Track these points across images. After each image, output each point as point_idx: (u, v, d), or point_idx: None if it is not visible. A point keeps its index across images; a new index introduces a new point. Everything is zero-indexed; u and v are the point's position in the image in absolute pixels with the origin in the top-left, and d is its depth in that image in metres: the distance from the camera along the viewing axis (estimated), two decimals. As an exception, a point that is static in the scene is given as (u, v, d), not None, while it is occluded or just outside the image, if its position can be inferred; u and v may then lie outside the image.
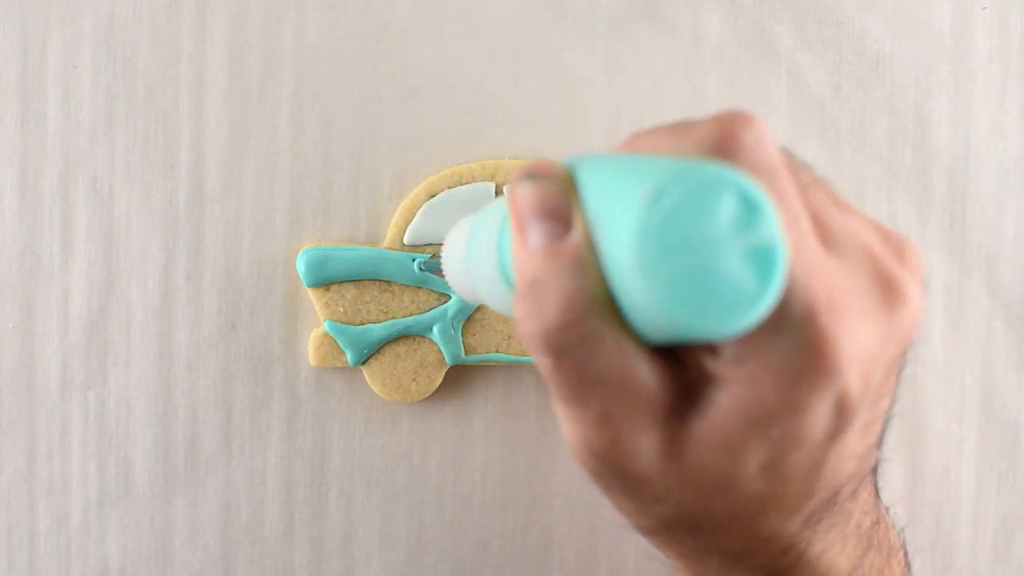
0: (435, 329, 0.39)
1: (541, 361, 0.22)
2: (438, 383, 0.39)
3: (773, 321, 0.20)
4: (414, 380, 0.39)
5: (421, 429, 0.40)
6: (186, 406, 0.40)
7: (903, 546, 0.30)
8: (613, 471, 0.23)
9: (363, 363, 0.39)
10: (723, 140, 0.22)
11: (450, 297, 0.39)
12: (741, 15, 0.40)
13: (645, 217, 0.20)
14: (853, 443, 0.23)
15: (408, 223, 0.39)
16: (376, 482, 0.40)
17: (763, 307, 0.20)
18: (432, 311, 0.39)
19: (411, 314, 0.39)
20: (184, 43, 0.39)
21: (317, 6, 0.39)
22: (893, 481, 0.40)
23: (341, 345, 0.39)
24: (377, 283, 0.39)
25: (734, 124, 0.22)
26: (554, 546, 0.41)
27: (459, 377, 0.40)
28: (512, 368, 0.40)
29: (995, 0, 0.40)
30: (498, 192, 0.39)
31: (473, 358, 0.39)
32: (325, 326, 0.39)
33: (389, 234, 0.39)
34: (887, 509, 0.29)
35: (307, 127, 0.39)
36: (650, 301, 0.20)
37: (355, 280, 0.39)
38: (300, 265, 0.38)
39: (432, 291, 0.39)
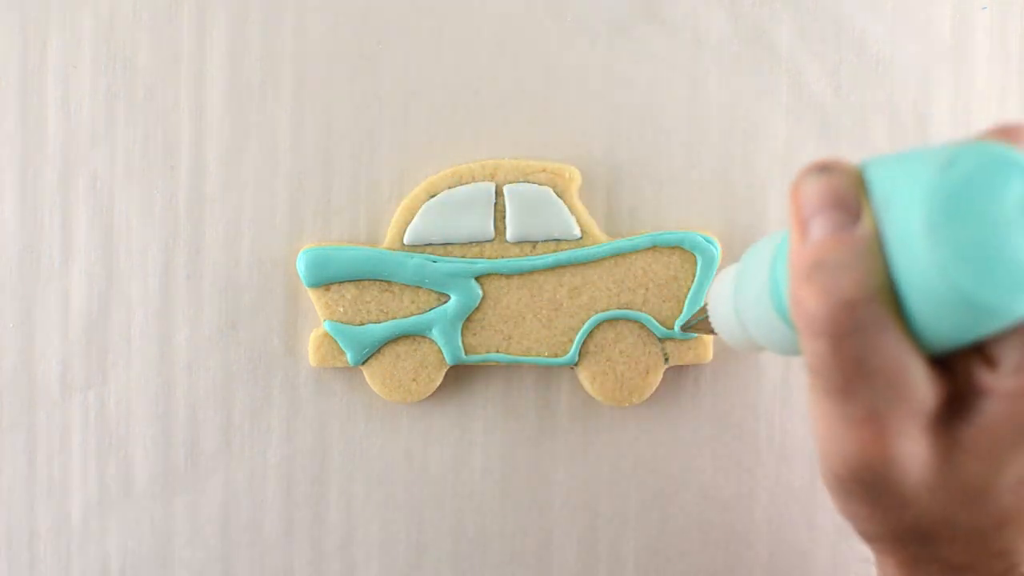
0: (435, 329, 0.39)
1: (817, 345, 0.22)
2: (438, 383, 0.39)
3: None
4: (414, 380, 0.39)
5: (421, 429, 0.40)
6: (186, 406, 0.40)
7: None
8: (867, 476, 0.22)
9: (363, 363, 0.39)
10: (1010, 133, 0.22)
11: (450, 297, 0.39)
12: (741, 15, 0.40)
13: (939, 180, 0.20)
14: None
15: (408, 223, 0.39)
16: (376, 482, 0.40)
17: None
18: (432, 311, 0.39)
19: (411, 314, 0.39)
20: (184, 43, 0.39)
21: (317, 6, 0.39)
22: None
23: (341, 345, 0.39)
24: (377, 283, 0.39)
25: (1011, 131, 0.22)
26: (554, 546, 0.41)
27: (459, 377, 0.40)
28: (512, 368, 0.40)
29: (995, 0, 0.40)
30: (498, 192, 0.39)
31: (473, 358, 0.39)
32: (325, 326, 0.39)
33: (389, 234, 0.39)
34: None
35: (307, 127, 0.39)
36: (935, 268, 0.20)
37: (355, 280, 0.39)
38: (300, 265, 0.38)
39: (432, 291, 0.39)
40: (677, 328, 0.38)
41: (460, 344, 0.39)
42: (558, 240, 0.39)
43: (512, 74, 0.39)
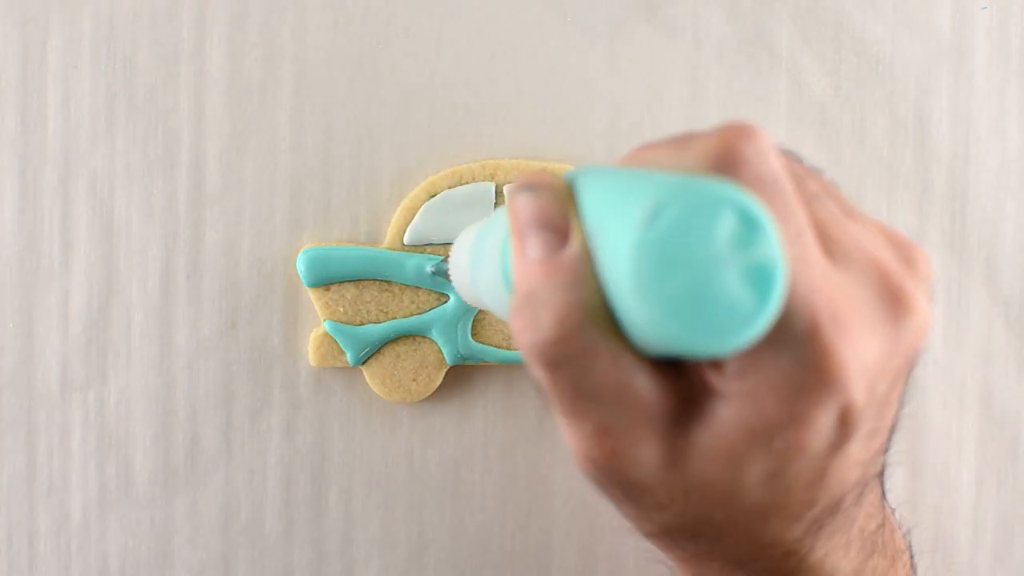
0: (435, 329, 0.39)
1: (535, 373, 0.22)
2: (438, 383, 0.39)
3: (775, 336, 0.20)
4: (414, 380, 0.39)
5: (421, 429, 0.40)
6: (186, 406, 0.40)
7: (909, 547, 0.30)
8: (614, 481, 0.23)
9: (363, 363, 0.39)
10: (724, 154, 0.22)
11: (449, 297, 0.39)
12: (741, 15, 0.40)
13: (642, 235, 0.19)
14: (857, 451, 0.23)
15: (408, 223, 0.39)
16: (376, 482, 0.40)
17: (760, 326, 0.20)
18: (432, 311, 0.39)
19: (411, 314, 0.39)
20: (184, 43, 0.39)
21: (317, 6, 0.39)
22: (893, 482, 0.40)
23: (341, 345, 0.39)
24: (377, 283, 0.39)
25: (736, 138, 0.22)
26: (554, 546, 0.41)
27: (459, 377, 0.40)
28: (512, 368, 0.40)
29: (995, 0, 0.40)
30: (498, 192, 0.39)
31: (473, 358, 0.39)
32: (325, 326, 0.39)
33: (389, 234, 0.39)
34: (893, 511, 0.29)
35: (307, 127, 0.39)
36: (646, 320, 0.20)
37: (355, 280, 0.39)
38: (300, 265, 0.38)
39: (432, 291, 0.39)
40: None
41: (461, 344, 0.39)
42: (558, 240, 0.39)
43: (512, 74, 0.39)
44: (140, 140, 0.39)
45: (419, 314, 0.39)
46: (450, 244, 0.38)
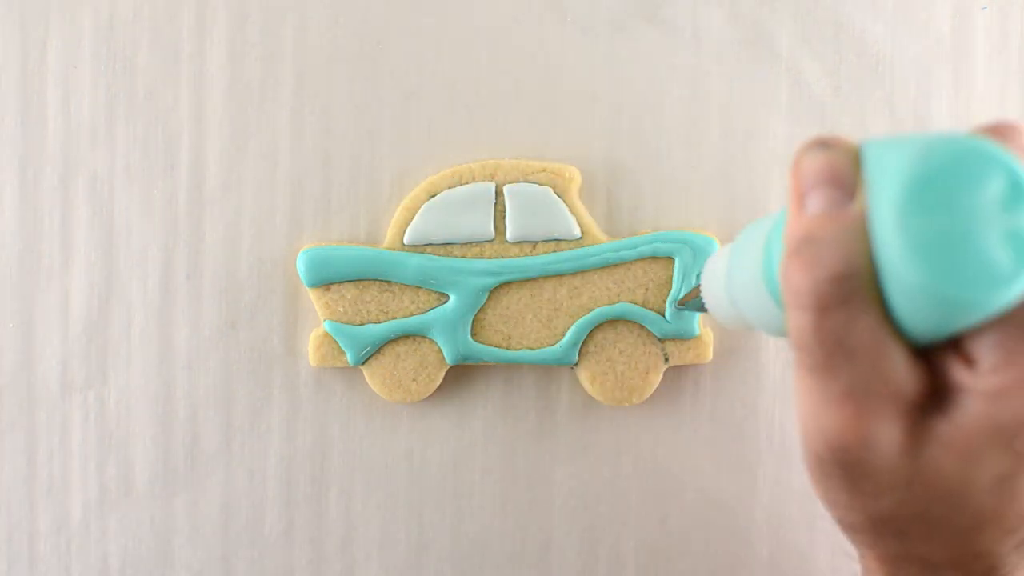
0: (435, 329, 0.39)
1: (802, 319, 0.22)
2: (438, 383, 0.39)
3: None
4: (414, 380, 0.39)
5: (421, 429, 0.40)
6: (186, 406, 0.40)
7: None
8: (844, 455, 0.22)
9: (363, 363, 0.39)
10: (1003, 132, 0.22)
11: (450, 297, 0.39)
12: (741, 15, 0.40)
13: (913, 168, 0.20)
14: None
15: (408, 223, 0.39)
16: (376, 482, 0.40)
17: (1015, 291, 0.20)
18: (432, 311, 0.39)
19: (411, 314, 0.39)
20: (184, 43, 0.39)
21: (317, 6, 0.39)
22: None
23: (341, 345, 0.39)
24: (377, 283, 0.39)
25: (1005, 129, 0.22)
26: (554, 546, 0.41)
27: (459, 377, 0.40)
28: (512, 368, 0.40)
29: (995, 0, 0.40)
30: (498, 192, 0.39)
31: (473, 358, 0.39)
32: (325, 326, 0.39)
33: (389, 234, 0.39)
34: None
35: (307, 127, 0.39)
36: (902, 257, 0.20)
37: (355, 280, 0.39)
38: (300, 265, 0.38)
39: (432, 291, 0.39)
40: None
41: (461, 344, 0.39)
42: (558, 240, 0.39)
43: (512, 74, 0.39)
44: (140, 140, 0.39)
45: (419, 314, 0.39)
46: (450, 244, 0.38)
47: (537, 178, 0.39)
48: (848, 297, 0.21)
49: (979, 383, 0.21)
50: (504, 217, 0.39)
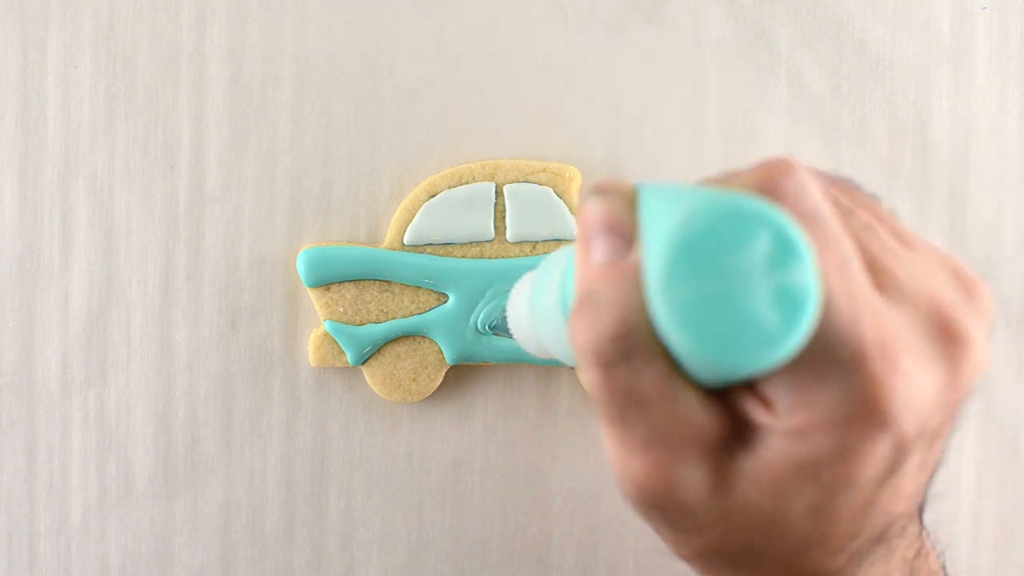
0: (435, 329, 0.39)
1: (591, 375, 0.22)
2: (438, 383, 0.39)
3: (823, 370, 0.20)
4: (414, 380, 0.39)
5: (421, 429, 0.40)
6: (186, 406, 0.40)
7: (943, 569, 0.29)
8: (656, 500, 0.22)
9: (363, 363, 0.39)
10: (764, 189, 0.22)
11: (449, 297, 0.39)
12: (741, 15, 0.40)
13: (676, 234, 0.19)
14: (905, 484, 0.23)
15: (408, 223, 0.39)
16: (376, 482, 0.40)
17: (785, 350, 0.19)
18: (432, 311, 0.39)
19: (411, 314, 0.39)
20: (184, 43, 0.39)
21: (317, 6, 0.39)
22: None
23: (341, 345, 0.39)
24: (377, 283, 0.39)
25: (774, 172, 0.22)
26: (554, 546, 0.41)
27: (459, 377, 0.40)
28: (512, 368, 0.40)
29: (995, 0, 0.40)
30: (498, 192, 0.39)
31: (473, 358, 0.39)
32: (325, 326, 0.39)
33: (389, 234, 0.39)
34: (928, 533, 0.28)
35: (307, 127, 0.39)
36: (671, 325, 0.20)
37: (355, 280, 0.39)
38: (300, 265, 0.38)
39: (432, 291, 0.39)
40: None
41: (461, 344, 0.39)
42: (558, 240, 0.39)
43: (512, 74, 0.39)
44: (140, 140, 0.39)
45: (419, 314, 0.39)
46: (450, 244, 0.38)
47: (537, 178, 0.39)
48: (629, 353, 0.21)
49: (778, 424, 0.21)
50: (504, 217, 0.39)
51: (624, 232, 0.22)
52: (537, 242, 0.39)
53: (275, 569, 0.40)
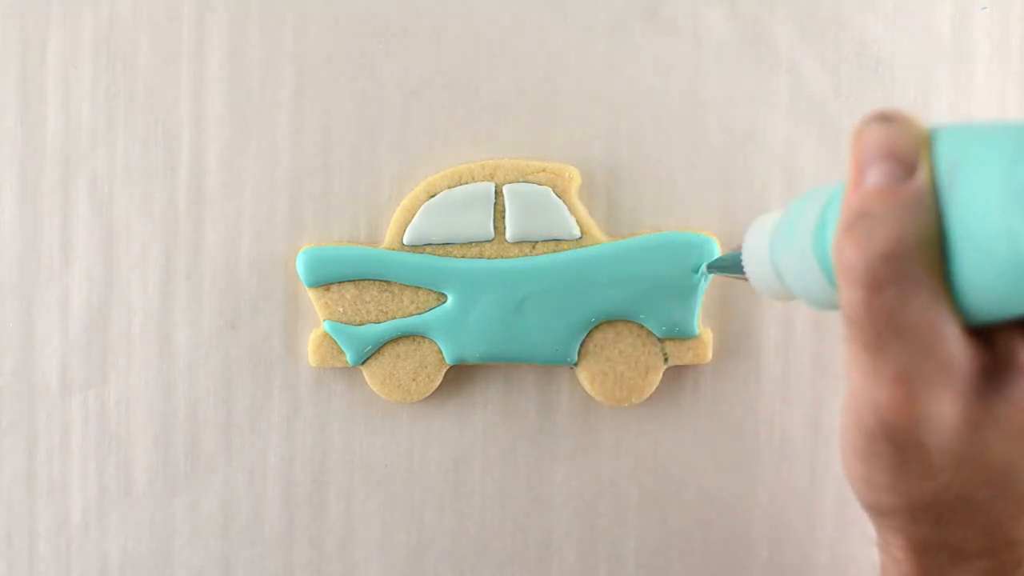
0: (435, 329, 0.39)
1: (854, 296, 0.22)
2: (438, 383, 0.39)
3: None
4: (414, 380, 0.39)
5: (421, 429, 0.40)
6: (186, 406, 0.40)
7: None
8: (896, 435, 0.22)
9: (363, 363, 0.39)
10: None
11: (449, 297, 0.39)
12: (741, 15, 0.40)
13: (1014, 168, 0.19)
14: None
15: (408, 223, 0.39)
16: (376, 482, 0.40)
17: None
18: (432, 311, 0.39)
19: (411, 314, 0.39)
20: (184, 43, 0.39)
21: (317, 6, 0.39)
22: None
23: (341, 345, 0.39)
24: (377, 283, 0.39)
25: None
26: (554, 546, 0.41)
27: (459, 377, 0.40)
28: (512, 368, 0.40)
29: (995, 0, 0.40)
30: (498, 192, 0.39)
31: (473, 358, 0.39)
32: (325, 326, 0.39)
33: (389, 234, 0.39)
34: None
35: (307, 127, 0.39)
36: (1004, 234, 0.19)
37: (355, 280, 0.39)
38: (300, 265, 0.38)
39: (432, 291, 0.39)
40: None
41: (461, 344, 0.39)
42: (558, 240, 0.39)
43: (512, 74, 0.39)
44: (140, 140, 0.39)
45: (419, 314, 0.39)
46: (449, 244, 0.38)
47: (537, 178, 0.39)
48: (901, 275, 0.21)
49: None
50: (504, 217, 0.39)
51: (906, 159, 0.22)
52: (537, 242, 0.39)
53: (275, 569, 0.40)
